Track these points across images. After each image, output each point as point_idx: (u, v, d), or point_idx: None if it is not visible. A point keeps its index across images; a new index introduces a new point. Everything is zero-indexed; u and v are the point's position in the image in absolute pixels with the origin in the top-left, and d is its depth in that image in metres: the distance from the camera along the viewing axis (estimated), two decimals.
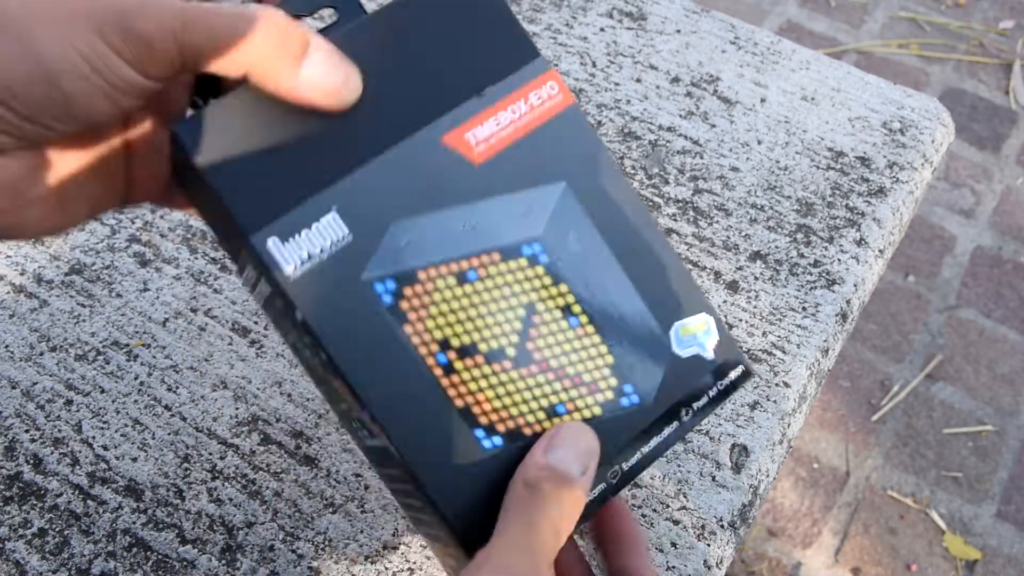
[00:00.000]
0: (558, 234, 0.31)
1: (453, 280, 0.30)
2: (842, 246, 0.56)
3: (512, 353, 0.30)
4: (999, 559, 1.17)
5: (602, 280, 0.32)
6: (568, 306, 0.31)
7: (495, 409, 0.30)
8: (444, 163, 0.31)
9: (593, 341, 0.31)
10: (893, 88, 0.67)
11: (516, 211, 0.31)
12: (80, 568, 0.41)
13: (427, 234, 0.30)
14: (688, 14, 0.71)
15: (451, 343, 0.30)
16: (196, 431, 0.45)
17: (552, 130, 0.32)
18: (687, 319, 0.33)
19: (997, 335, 1.39)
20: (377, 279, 0.29)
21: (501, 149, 0.31)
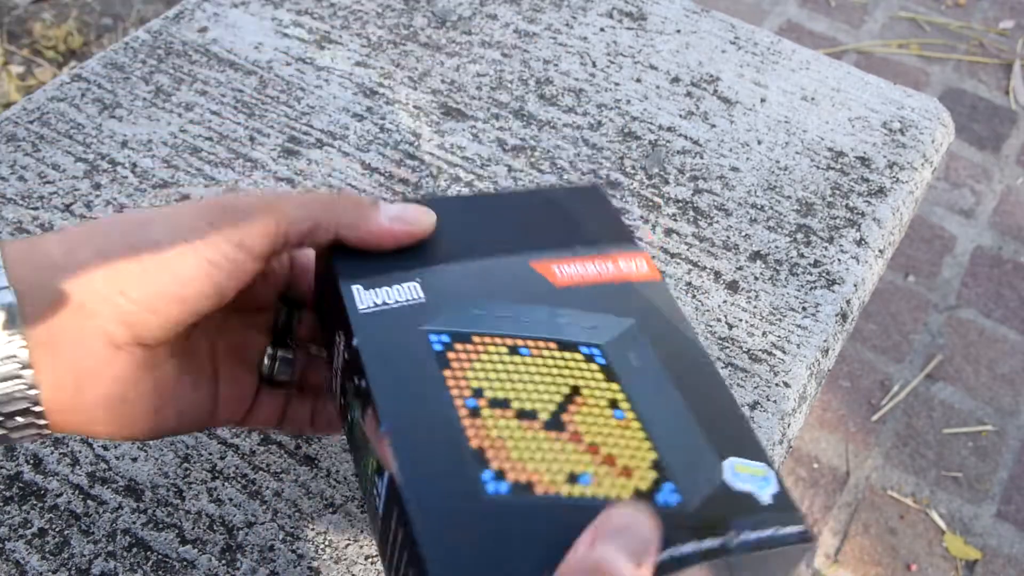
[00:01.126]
0: (620, 350, 0.33)
1: (505, 349, 0.32)
2: (842, 246, 0.56)
3: (545, 417, 0.30)
4: (999, 559, 1.17)
5: (657, 397, 0.32)
6: (616, 401, 0.31)
7: (511, 458, 0.29)
8: (527, 278, 0.34)
9: (636, 435, 0.30)
10: (893, 88, 0.67)
11: (584, 323, 0.33)
12: (80, 568, 0.41)
13: (494, 314, 0.33)
14: (688, 14, 0.71)
15: (485, 393, 0.30)
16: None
17: (636, 288, 0.35)
18: (745, 460, 0.31)
19: (997, 335, 1.39)
20: (433, 331, 0.32)
21: (582, 283, 0.35)
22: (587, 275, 0.35)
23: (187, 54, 0.64)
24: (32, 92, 0.62)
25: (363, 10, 0.69)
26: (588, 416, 0.30)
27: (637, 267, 0.36)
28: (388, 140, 0.60)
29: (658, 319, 0.34)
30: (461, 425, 0.29)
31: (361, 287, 0.33)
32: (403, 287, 0.33)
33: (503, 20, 0.69)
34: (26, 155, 0.57)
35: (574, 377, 0.31)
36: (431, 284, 0.33)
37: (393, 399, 0.30)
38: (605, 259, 0.36)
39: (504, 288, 0.34)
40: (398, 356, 0.31)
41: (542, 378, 0.31)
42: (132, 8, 1.78)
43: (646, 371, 0.32)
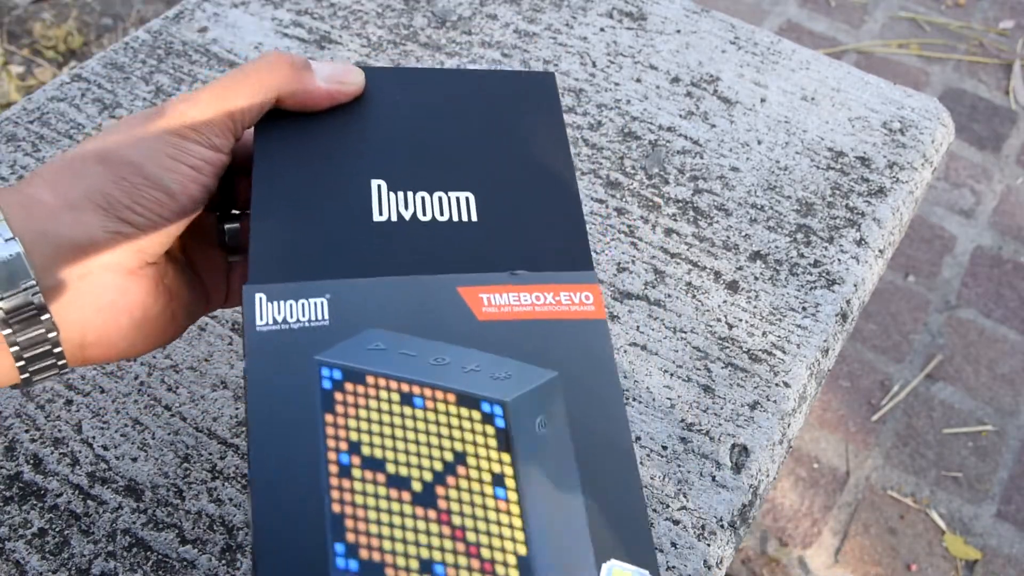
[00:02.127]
0: (527, 411, 0.29)
1: (397, 397, 0.29)
2: (842, 246, 0.56)
3: (417, 488, 0.28)
4: (999, 559, 1.17)
5: (551, 477, 0.29)
6: (502, 476, 0.28)
7: (368, 532, 0.27)
8: (448, 305, 0.31)
9: (512, 522, 0.28)
10: (893, 88, 0.67)
11: (496, 372, 0.30)
12: (80, 568, 0.41)
13: (396, 350, 0.30)
14: (688, 14, 0.71)
15: (362, 450, 0.28)
16: (196, 431, 0.45)
17: (570, 330, 0.31)
18: (625, 565, 0.28)
19: (997, 335, 1.39)
20: (327, 364, 0.29)
21: (509, 319, 0.31)
22: (519, 308, 0.31)
23: (187, 54, 0.64)
24: (32, 92, 0.62)
25: (363, 10, 0.69)
26: (465, 492, 0.28)
27: (581, 302, 0.32)
28: None
29: (586, 372, 0.31)
30: (328, 483, 0.27)
31: (264, 296, 0.30)
32: (309, 303, 0.30)
33: (503, 20, 0.69)
34: (26, 155, 0.57)
35: (463, 441, 0.29)
36: (340, 302, 0.30)
37: (265, 444, 0.28)
38: (547, 289, 0.32)
39: (420, 316, 0.31)
40: (283, 392, 0.29)
41: (428, 438, 0.28)
42: (132, 8, 1.78)
43: (548, 442, 0.29)
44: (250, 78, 0.35)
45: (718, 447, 0.47)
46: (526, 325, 0.31)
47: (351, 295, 0.31)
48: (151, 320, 0.33)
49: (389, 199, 0.34)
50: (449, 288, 0.31)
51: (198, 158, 0.33)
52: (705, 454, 0.46)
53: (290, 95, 0.35)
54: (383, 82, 0.37)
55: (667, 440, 0.47)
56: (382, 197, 0.34)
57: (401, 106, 0.37)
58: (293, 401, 0.28)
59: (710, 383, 0.49)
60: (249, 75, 0.35)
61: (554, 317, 0.31)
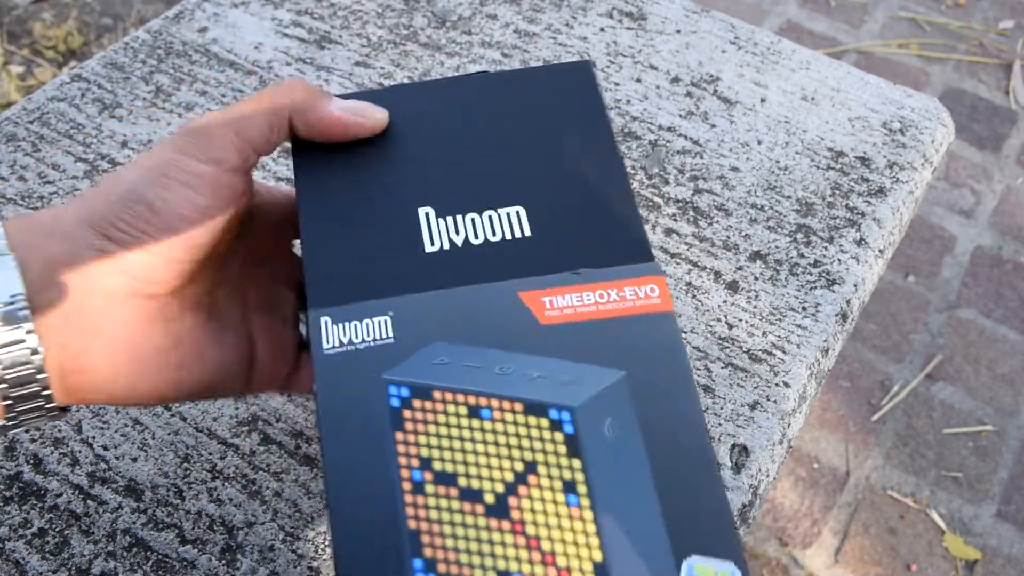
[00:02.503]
0: (595, 415, 0.29)
1: (465, 410, 0.29)
2: (842, 246, 0.56)
3: (490, 500, 0.28)
4: (999, 559, 1.17)
5: (624, 479, 0.28)
6: (574, 483, 0.28)
7: (445, 547, 0.27)
8: (510, 312, 0.31)
9: (586, 528, 0.28)
10: (893, 88, 0.67)
11: (562, 377, 0.30)
12: (80, 568, 0.41)
13: (462, 362, 0.30)
14: (688, 14, 0.71)
15: (433, 465, 0.28)
16: (196, 431, 0.45)
17: (636, 325, 0.31)
18: (708, 558, 0.28)
19: (997, 335, 1.39)
20: (394, 382, 0.30)
21: (573, 320, 0.31)
22: (581, 309, 0.31)
23: (187, 54, 0.64)
24: (32, 92, 0.62)
25: (363, 10, 0.69)
26: (537, 501, 0.28)
27: (647, 295, 0.31)
28: None
29: (655, 370, 0.30)
30: (403, 501, 0.28)
31: (330, 320, 0.31)
32: (373, 322, 0.31)
33: (503, 20, 0.69)
34: (26, 155, 0.57)
35: (533, 451, 0.29)
36: (403, 318, 0.31)
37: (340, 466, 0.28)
38: (610, 286, 0.32)
39: (482, 325, 0.31)
40: (353, 412, 0.29)
41: (497, 450, 0.29)
42: (132, 8, 1.78)
43: (619, 445, 0.29)
44: (261, 96, 0.34)
45: (718, 447, 0.47)
46: (591, 325, 0.31)
47: (413, 310, 0.31)
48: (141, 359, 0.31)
49: (439, 227, 0.33)
50: (510, 294, 0.31)
51: (190, 172, 0.32)
52: None
53: (302, 116, 0.34)
54: (413, 99, 0.36)
55: None
56: (431, 226, 0.33)
57: (435, 123, 0.36)
58: (364, 421, 0.29)
59: (710, 383, 0.49)
60: (260, 94, 0.34)
61: (619, 314, 0.31)
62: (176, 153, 0.32)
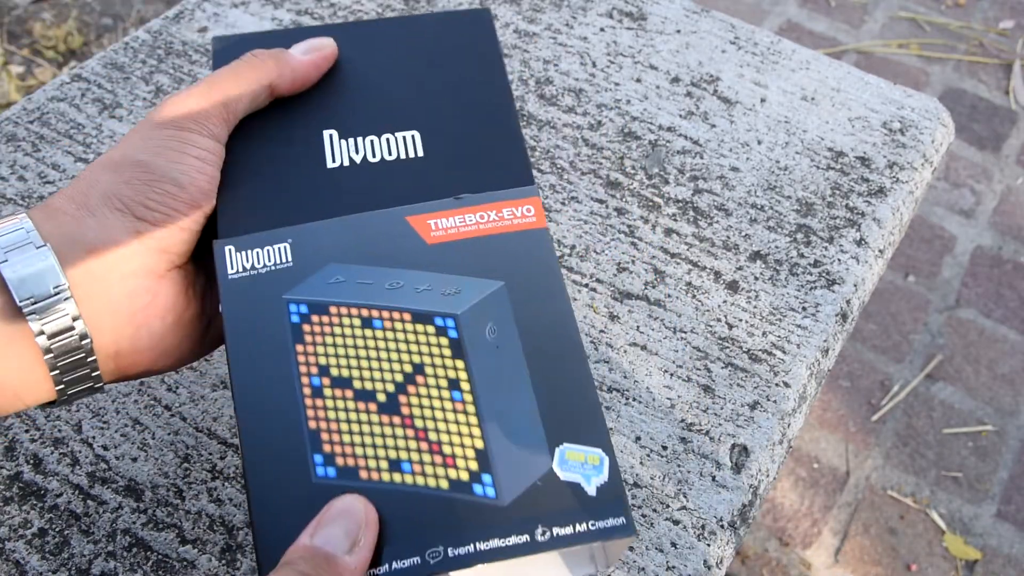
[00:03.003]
0: (476, 321, 0.32)
1: (358, 321, 0.32)
2: (842, 246, 0.56)
3: (382, 399, 0.31)
4: (999, 559, 1.17)
5: (503, 377, 0.31)
6: (457, 380, 0.31)
7: (342, 443, 0.30)
8: (399, 234, 0.34)
9: (469, 420, 0.31)
10: (893, 88, 0.67)
11: (445, 288, 0.33)
12: (80, 568, 0.41)
13: (354, 280, 0.33)
14: (688, 14, 0.71)
15: (331, 371, 0.31)
16: (196, 431, 0.45)
17: (513, 241, 0.34)
18: (579, 446, 0.31)
19: (997, 335, 1.39)
20: (293, 300, 0.32)
21: (456, 239, 0.34)
22: (464, 228, 0.34)
23: (187, 54, 0.64)
24: (32, 92, 0.62)
25: (363, 10, 0.69)
26: (424, 398, 0.31)
27: (524, 215, 0.34)
28: None
29: (530, 278, 0.33)
30: (304, 404, 0.31)
31: (233, 247, 0.33)
32: (274, 249, 0.33)
33: (503, 20, 0.69)
34: (26, 155, 0.57)
35: (420, 354, 0.32)
36: (301, 245, 0.34)
37: (246, 377, 0.31)
38: (490, 208, 0.34)
39: (374, 247, 0.34)
40: (256, 329, 0.32)
41: (388, 355, 0.32)
42: (132, 8, 1.78)
43: (498, 346, 0.32)
44: (240, 71, 0.36)
45: (718, 447, 0.47)
46: (472, 243, 0.34)
47: (311, 237, 0.34)
48: (182, 328, 0.33)
49: (340, 146, 0.37)
50: (398, 219, 0.34)
51: (201, 148, 0.34)
52: (705, 454, 0.46)
53: (281, 80, 0.37)
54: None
55: (667, 440, 0.47)
56: (334, 145, 0.37)
57: (347, 59, 0.40)
58: (267, 336, 0.32)
59: (710, 383, 0.49)
60: (238, 69, 0.36)
61: (498, 232, 0.34)
62: (177, 130, 0.34)
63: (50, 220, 0.31)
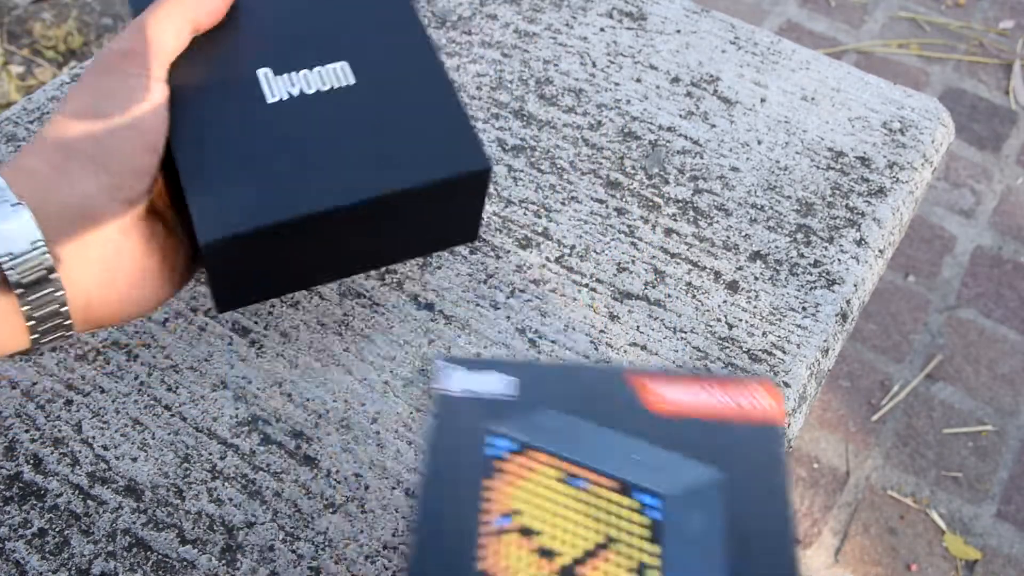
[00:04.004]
0: (684, 508, 0.29)
1: (560, 475, 0.30)
2: (842, 246, 0.56)
3: (564, 562, 0.28)
4: (999, 559, 1.17)
5: (697, 558, 0.29)
6: (645, 566, 0.28)
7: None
8: (620, 394, 0.32)
9: None
10: (893, 88, 0.67)
11: (659, 464, 0.30)
12: (80, 568, 0.41)
13: (566, 432, 0.31)
14: (688, 14, 0.71)
15: (520, 519, 0.29)
16: (196, 431, 0.45)
17: (744, 433, 0.31)
18: None
19: (997, 335, 1.39)
20: (498, 434, 0.31)
21: (680, 414, 0.31)
22: (689, 403, 0.32)
23: None
24: (32, 92, 0.62)
25: None
26: (607, 573, 0.28)
27: (757, 403, 0.32)
28: None
29: (755, 480, 0.30)
30: (480, 542, 0.29)
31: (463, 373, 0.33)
32: (502, 381, 0.32)
33: (503, 20, 0.69)
34: None
35: (618, 528, 0.29)
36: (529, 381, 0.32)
37: (433, 495, 0.30)
38: (720, 387, 0.32)
39: (593, 400, 0.32)
40: (455, 456, 0.30)
41: (583, 519, 0.29)
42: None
43: (702, 541, 0.29)
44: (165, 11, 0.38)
45: None
46: (695, 423, 0.31)
47: (537, 381, 0.32)
48: (147, 278, 0.35)
49: (276, 83, 0.41)
50: (619, 374, 0.32)
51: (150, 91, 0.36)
52: None
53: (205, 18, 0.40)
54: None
55: None
56: (270, 82, 0.41)
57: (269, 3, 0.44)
58: (461, 465, 0.30)
59: None
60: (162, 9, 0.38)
61: (729, 418, 0.31)
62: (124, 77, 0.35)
63: (23, 179, 0.32)
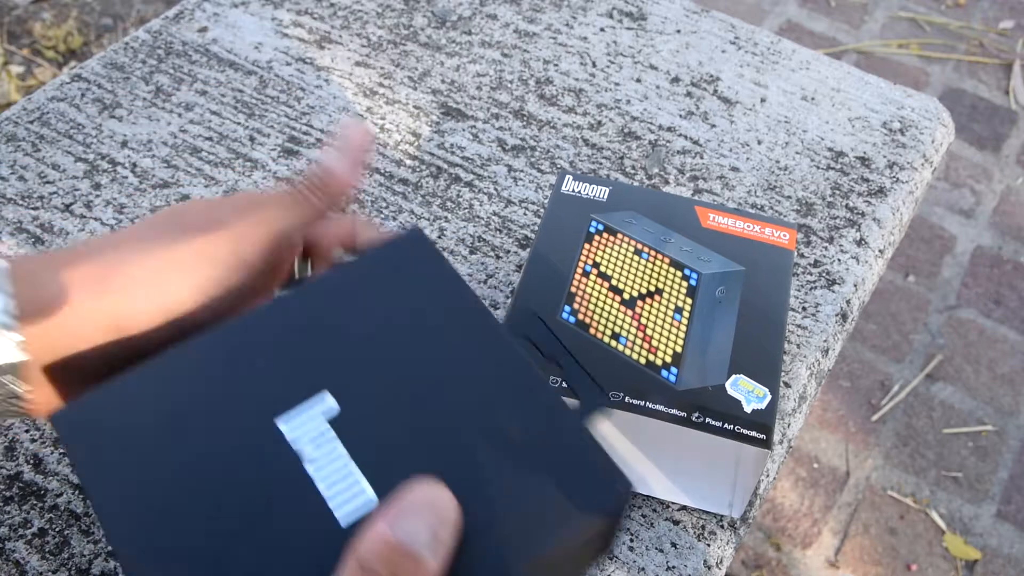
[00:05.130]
0: (713, 282, 0.44)
1: (632, 249, 0.45)
2: (842, 246, 0.56)
3: (626, 297, 0.43)
4: (999, 559, 1.17)
5: (716, 320, 0.43)
6: (682, 308, 0.43)
7: (586, 309, 0.43)
8: (685, 214, 0.47)
9: (678, 333, 0.42)
10: (893, 88, 0.67)
11: (703, 256, 0.45)
12: (80, 568, 0.41)
13: (643, 226, 0.46)
14: (688, 14, 0.71)
15: (600, 267, 0.44)
16: None
17: (764, 248, 0.46)
18: (751, 379, 0.41)
19: (997, 335, 1.39)
20: (595, 219, 0.46)
21: (724, 231, 0.46)
22: (732, 227, 0.46)
23: (187, 54, 0.64)
24: (32, 92, 0.62)
25: (363, 10, 0.69)
26: (655, 309, 0.43)
27: (779, 237, 0.46)
28: (388, 140, 0.60)
29: (766, 276, 0.45)
30: (572, 276, 0.44)
31: (571, 177, 0.48)
32: (597, 188, 0.48)
33: (503, 20, 0.69)
34: (26, 155, 0.57)
35: (665, 284, 0.44)
36: (615, 193, 0.47)
37: (544, 247, 0.45)
38: (756, 223, 0.47)
39: (664, 214, 0.47)
40: (564, 226, 0.46)
41: (643, 275, 0.44)
42: (132, 8, 1.78)
43: (722, 302, 0.43)
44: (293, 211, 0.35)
45: None
46: (733, 238, 0.46)
47: (624, 192, 0.48)
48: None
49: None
50: (689, 205, 0.47)
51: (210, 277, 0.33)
52: None
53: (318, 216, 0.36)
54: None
55: None
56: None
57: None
58: (569, 233, 0.46)
59: None
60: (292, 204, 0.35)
61: (756, 239, 0.46)
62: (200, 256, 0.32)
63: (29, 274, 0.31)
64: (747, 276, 0.44)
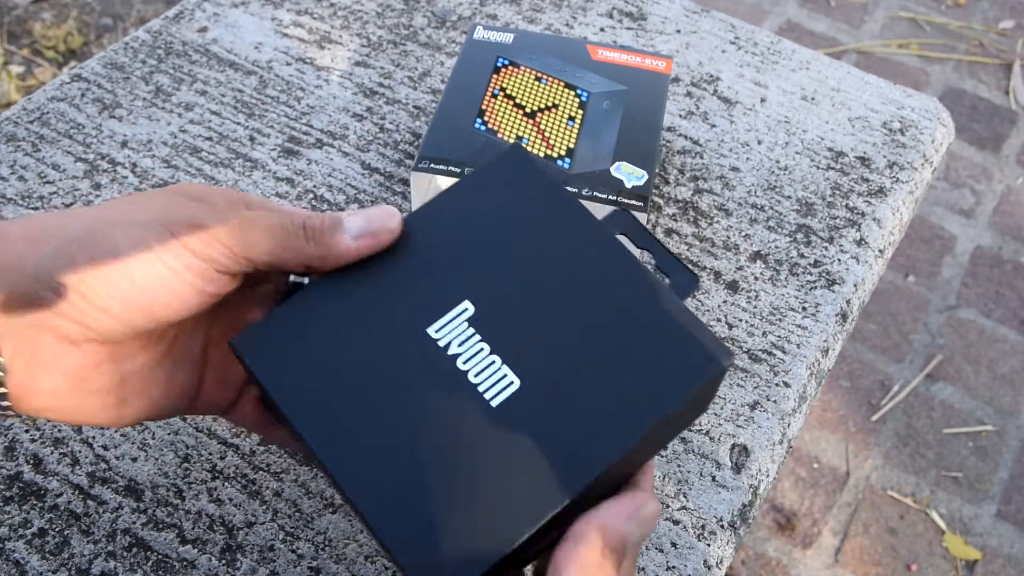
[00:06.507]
0: (600, 98, 0.54)
1: (534, 76, 0.55)
2: (842, 246, 0.56)
3: (528, 110, 0.53)
4: (999, 559, 1.17)
5: (602, 125, 0.53)
6: (575, 117, 0.53)
7: (495, 120, 0.53)
8: (578, 50, 0.57)
9: (571, 134, 0.52)
10: (893, 88, 0.67)
11: (592, 80, 0.55)
12: (80, 568, 0.41)
13: (543, 59, 0.56)
14: (688, 14, 0.71)
15: (507, 90, 0.54)
16: (196, 431, 0.45)
17: (647, 74, 0.56)
18: (632, 165, 0.51)
19: (997, 335, 1.39)
20: (501, 56, 0.56)
21: (610, 62, 0.57)
22: (617, 59, 0.57)
23: (187, 54, 0.64)
24: (32, 92, 0.62)
25: (363, 10, 0.69)
26: (552, 118, 0.53)
27: (657, 65, 0.57)
28: (388, 140, 0.60)
29: (645, 94, 0.55)
30: (483, 98, 0.54)
31: (481, 27, 0.58)
32: (502, 34, 0.58)
33: (503, 20, 0.69)
34: (26, 155, 0.57)
35: (560, 100, 0.54)
36: (519, 38, 0.57)
37: (459, 78, 0.55)
38: (637, 55, 0.57)
39: (560, 50, 0.57)
40: (476, 63, 0.56)
41: (541, 95, 0.54)
42: (132, 8, 1.78)
43: (608, 112, 0.53)
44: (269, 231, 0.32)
45: (718, 447, 0.47)
46: (618, 67, 0.56)
47: (527, 37, 0.58)
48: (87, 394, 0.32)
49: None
50: (580, 44, 0.58)
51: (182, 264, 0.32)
52: (705, 454, 0.46)
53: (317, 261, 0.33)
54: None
55: None
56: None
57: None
58: (480, 67, 0.56)
59: None
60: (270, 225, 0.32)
61: (639, 67, 0.57)
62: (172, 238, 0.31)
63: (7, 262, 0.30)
64: (629, 94, 0.54)
